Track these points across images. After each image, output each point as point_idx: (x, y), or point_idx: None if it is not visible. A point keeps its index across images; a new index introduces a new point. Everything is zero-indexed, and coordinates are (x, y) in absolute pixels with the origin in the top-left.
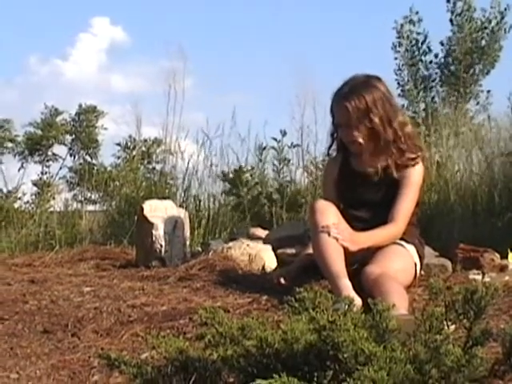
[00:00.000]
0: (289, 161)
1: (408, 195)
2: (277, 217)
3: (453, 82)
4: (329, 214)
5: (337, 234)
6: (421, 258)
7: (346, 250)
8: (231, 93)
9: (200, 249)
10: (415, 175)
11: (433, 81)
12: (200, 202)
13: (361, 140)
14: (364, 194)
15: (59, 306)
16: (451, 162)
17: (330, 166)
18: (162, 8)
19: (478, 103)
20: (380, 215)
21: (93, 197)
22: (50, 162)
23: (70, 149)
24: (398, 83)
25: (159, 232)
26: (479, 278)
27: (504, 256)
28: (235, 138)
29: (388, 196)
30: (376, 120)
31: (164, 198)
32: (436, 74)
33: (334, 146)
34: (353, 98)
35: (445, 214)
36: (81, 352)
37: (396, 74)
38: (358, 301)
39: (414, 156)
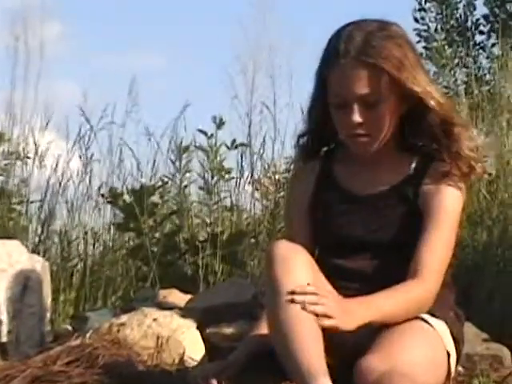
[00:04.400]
0: (229, 171)
1: (440, 233)
2: (206, 270)
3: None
4: (298, 267)
5: (315, 306)
6: (457, 343)
7: (327, 329)
8: (129, 51)
9: (70, 327)
10: (450, 199)
11: (480, 31)
12: (70, 243)
13: (381, 130)
14: (358, 231)
15: None
16: None
17: (300, 181)
18: None
19: None
20: (388, 268)
21: None
22: None
23: None
24: (419, 34)
25: None
26: None
27: None
28: (135, 129)
29: (402, 234)
30: (417, 90)
31: (7, 238)
32: (486, 18)
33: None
34: (374, 55)
35: (499, 266)
36: None
37: (417, 21)
38: None
39: (452, 166)
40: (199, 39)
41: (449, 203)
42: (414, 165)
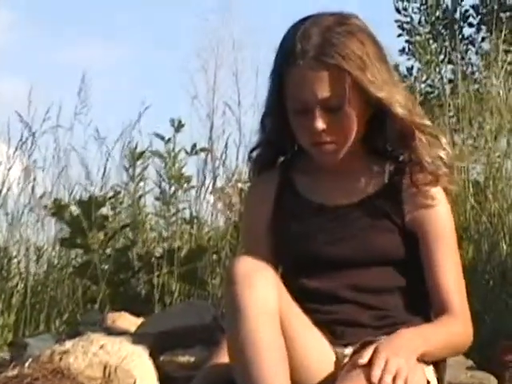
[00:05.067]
0: (188, 180)
1: (450, 258)
2: (162, 290)
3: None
4: (261, 285)
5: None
6: (438, 370)
7: (293, 358)
8: (79, 45)
9: (7, 355)
10: (445, 217)
11: (469, 23)
12: (10, 260)
13: (347, 136)
14: (323, 247)
15: None
16: (504, 180)
17: (257, 194)
18: None
19: None
20: (359, 289)
21: None
22: None
23: None
24: (402, 27)
25: None
26: None
27: None
28: (84, 133)
29: (378, 251)
30: (380, 96)
31: None
32: (475, 9)
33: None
34: (334, 54)
35: (488, 286)
36: None
37: (398, 12)
38: None
39: (435, 173)
40: (156, 33)
41: (446, 223)
42: (387, 174)
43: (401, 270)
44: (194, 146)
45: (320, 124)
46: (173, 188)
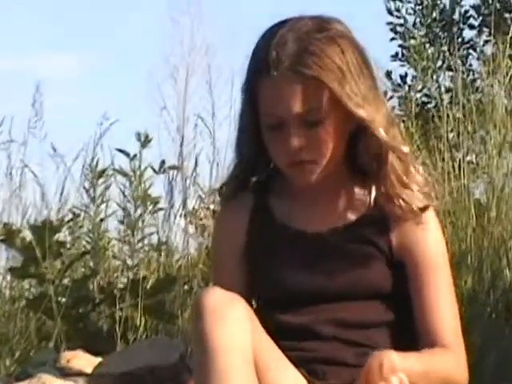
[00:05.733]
0: (156, 201)
1: (443, 289)
2: (126, 325)
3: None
4: (233, 320)
5: None
6: None
7: None
8: (32, 52)
9: None
10: (438, 242)
11: (469, 25)
12: None
13: (326, 153)
14: (303, 278)
15: None
16: (508, 200)
17: (229, 220)
18: None
19: None
20: (342, 325)
21: None
22: None
23: None
24: (394, 30)
25: None
26: None
27: None
28: (39, 148)
29: (362, 283)
30: (361, 116)
31: None
32: (476, 9)
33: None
34: (312, 65)
35: (490, 318)
36: None
37: (390, 13)
38: None
39: (425, 192)
40: (120, 37)
41: (438, 251)
42: (373, 197)
43: (388, 304)
44: (163, 163)
45: (296, 141)
46: (139, 210)
